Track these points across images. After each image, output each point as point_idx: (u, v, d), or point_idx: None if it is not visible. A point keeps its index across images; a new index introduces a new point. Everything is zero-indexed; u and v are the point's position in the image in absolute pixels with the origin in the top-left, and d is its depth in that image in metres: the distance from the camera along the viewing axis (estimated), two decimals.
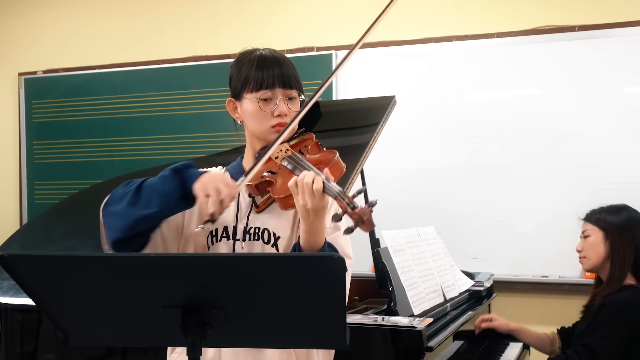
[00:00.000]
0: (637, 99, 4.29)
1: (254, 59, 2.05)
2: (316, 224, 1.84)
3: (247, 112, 2.04)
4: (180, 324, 1.45)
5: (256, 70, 2.02)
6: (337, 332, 1.47)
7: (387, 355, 2.55)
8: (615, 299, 3.02)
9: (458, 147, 4.62)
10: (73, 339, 1.58)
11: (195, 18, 5.37)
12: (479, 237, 4.59)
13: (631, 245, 3.09)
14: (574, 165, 4.39)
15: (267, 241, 2.04)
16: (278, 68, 2.03)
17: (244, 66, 2.06)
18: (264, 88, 2.00)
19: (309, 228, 1.84)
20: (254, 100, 2.01)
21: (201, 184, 1.83)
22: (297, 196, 1.81)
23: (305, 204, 1.79)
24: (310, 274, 1.39)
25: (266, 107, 2.01)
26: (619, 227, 3.13)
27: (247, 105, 2.04)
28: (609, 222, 3.16)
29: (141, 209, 1.86)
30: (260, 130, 2.05)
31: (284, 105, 2.02)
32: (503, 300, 4.25)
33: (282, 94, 2.02)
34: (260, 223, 2.04)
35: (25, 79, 5.84)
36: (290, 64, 2.09)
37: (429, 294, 3.04)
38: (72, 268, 1.45)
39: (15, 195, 5.88)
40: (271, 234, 2.04)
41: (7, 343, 3.29)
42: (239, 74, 2.06)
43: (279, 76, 2.02)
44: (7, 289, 3.30)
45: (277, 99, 2.01)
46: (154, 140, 5.39)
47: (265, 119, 2.02)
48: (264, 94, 2.00)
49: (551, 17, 4.49)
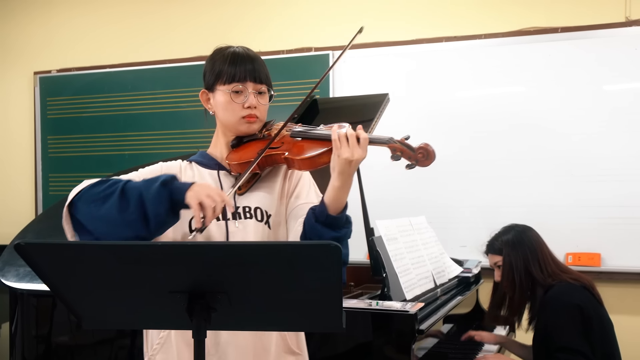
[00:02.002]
0: (616, 97, 4.30)
1: (228, 55, 2.04)
2: (350, 180, 1.84)
3: (219, 103, 2.05)
4: (186, 308, 1.45)
5: (229, 65, 2.02)
6: (333, 315, 1.47)
7: (381, 337, 2.55)
8: (549, 297, 3.06)
9: (448, 142, 4.62)
10: (85, 322, 1.58)
11: (200, 20, 5.38)
12: (467, 226, 4.59)
13: (526, 253, 3.16)
14: (557, 159, 4.40)
15: (261, 219, 2.02)
16: (250, 64, 2.03)
17: (217, 61, 2.05)
18: (236, 81, 2.00)
19: (343, 184, 1.83)
20: (226, 92, 2.02)
21: (194, 193, 1.79)
22: (340, 150, 1.82)
23: (351, 156, 1.81)
24: (309, 261, 1.39)
25: (237, 99, 2.01)
26: (512, 243, 3.20)
27: (219, 97, 2.04)
28: (504, 241, 3.23)
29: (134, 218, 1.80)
30: (231, 121, 2.05)
31: (254, 98, 2.02)
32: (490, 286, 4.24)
33: (252, 88, 2.02)
34: (249, 202, 2.03)
35: (40, 78, 5.83)
36: (261, 62, 2.08)
37: (420, 280, 3.04)
38: (84, 255, 1.45)
39: (30, 187, 5.89)
40: (263, 212, 2.03)
41: (23, 326, 3.29)
42: (213, 68, 2.05)
43: (251, 71, 2.02)
44: (23, 275, 3.30)
45: (247, 92, 2.02)
46: (160, 136, 5.39)
47: (236, 110, 2.02)
48: (236, 87, 2.01)
49: (535, 19, 4.50)
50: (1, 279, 3.33)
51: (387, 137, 1.92)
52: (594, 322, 2.99)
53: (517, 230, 3.25)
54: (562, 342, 2.95)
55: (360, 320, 2.56)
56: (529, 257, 3.15)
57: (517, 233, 3.23)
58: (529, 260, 3.14)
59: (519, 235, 3.22)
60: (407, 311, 2.51)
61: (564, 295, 3.03)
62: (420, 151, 1.91)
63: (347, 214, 1.87)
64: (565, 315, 2.97)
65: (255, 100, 2.03)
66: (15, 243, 1.40)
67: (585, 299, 3.04)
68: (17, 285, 3.29)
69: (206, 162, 2.11)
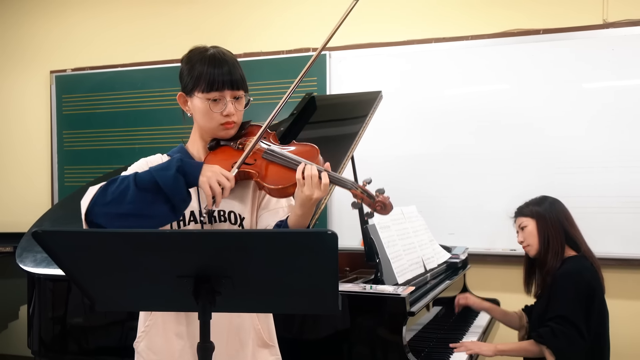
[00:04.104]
0: (594, 94, 4.29)
1: (206, 59, 1.97)
2: (311, 210, 1.83)
3: (198, 109, 1.99)
4: (193, 291, 1.45)
5: (207, 69, 1.94)
6: (330, 298, 1.47)
7: (374, 319, 2.56)
8: (564, 270, 3.06)
9: (437, 136, 4.63)
10: (98, 304, 1.58)
11: (206, 22, 5.37)
12: (455, 215, 4.59)
13: (558, 226, 3.16)
14: (539, 152, 4.40)
15: (234, 222, 2.00)
16: (226, 67, 1.95)
17: (195, 64, 1.97)
18: (214, 90, 1.94)
19: (305, 213, 1.83)
20: (204, 100, 1.95)
21: (206, 178, 1.80)
22: (303, 187, 1.79)
23: (311, 194, 1.78)
24: (307, 248, 1.39)
25: (215, 108, 1.95)
26: (545, 214, 3.18)
27: (197, 103, 1.98)
28: (536, 211, 3.21)
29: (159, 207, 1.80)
30: (209, 127, 2.00)
31: (231, 106, 1.97)
32: (476, 271, 4.26)
33: (230, 95, 1.96)
34: (224, 206, 2.00)
35: (56, 76, 5.83)
36: (236, 64, 2.00)
37: (411, 265, 3.05)
38: (97, 242, 1.45)
39: (47, 178, 5.88)
40: (237, 215, 2.01)
41: (40, 308, 3.29)
42: (191, 72, 1.98)
43: (227, 79, 1.94)
44: (40, 261, 3.29)
45: (225, 100, 1.96)
46: (168, 130, 5.38)
47: (215, 118, 1.97)
48: (214, 95, 1.94)
49: (519, 21, 4.49)
50: (20, 264, 3.33)
51: (350, 181, 1.86)
52: (595, 304, 3.01)
53: (550, 201, 3.24)
54: (560, 311, 2.96)
55: (355, 303, 2.56)
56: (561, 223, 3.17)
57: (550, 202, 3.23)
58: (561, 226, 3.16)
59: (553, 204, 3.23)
60: (399, 294, 2.51)
61: (577, 270, 3.05)
62: (379, 203, 1.84)
63: None
64: (573, 290, 2.98)
65: (233, 107, 1.97)
66: (33, 231, 1.40)
67: (595, 281, 3.07)
68: (34, 270, 3.29)
69: None
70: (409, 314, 2.50)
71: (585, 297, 2.98)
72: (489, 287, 4.14)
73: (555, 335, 2.94)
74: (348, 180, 1.85)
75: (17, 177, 6.02)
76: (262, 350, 2.08)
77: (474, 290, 3.89)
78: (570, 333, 2.92)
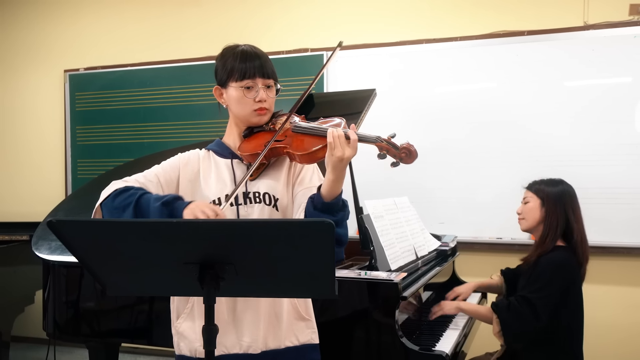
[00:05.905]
0: (576, 93, 4.30)
1: (238, 53, 2.02)
2: (343, 173, 1.82)
3: (232, 98, 2.03)
4: (198, 277, 1.45)
5: (239, 63, 1.99)
6: (327, 283, 1.47)
7: (369, 303, 2.56)
8: (549, 258, 2.95)
9: (429, 132, 4.63)
10: (109, 289, 1.58)
11: (211, 24, 5.37)
12: (445, 205, 4.60)
13: (562, 214, 3.03)
14: (525, 147, 4.41)
15: (269, 203, 2.01)
16: (257, 61, 2.00)
17: (228, 59, 2.02)
18: (247, 78, 1.99)
19: (337, 177, 1.81)
20: (238, 88, 2.00)
21: (190, 210, 1.79)
22: (333, 150, 1.79)
23: (342, 155, 1.79)
24: (306, 236, 1.39)
25: (249, 94, 2.00)
26: (554, 198, 3.05)
27: (232, 93, 2.02)
28: (546, 192, 3.07)
29: None
30: (243, 114, 2.04)
31: (263, 93, 2.01)
32: (465, 258, 4.26)
33: (261, 83, 2.01)
34: (258, 188, 2.02)
35: (70, 75, 5.82)
36: (267, 58, 2.05)
37: (403, 253, 3.04)
38: (108, 231, 1.45)
39: (61, 171, 5.88)
40: (271, 196, 2.02)
41: (54, 293, 3.29)
42: (225, 66, 2.03)
43: (259, 68, 2.00)
44: (55, 249, 3.29)
45: (257, 87, 2.00)
46: (175, 126, 5.38)
47: (248, 104, 2.01)
48: (247, 83, 1.99)
49: (505, 22, 4.50)
50: (35, 251, 3.33)
51: (375, 135, 1.91)
52: (570, 296, 2.92)
53: (563, 188, 3.09)
54: (525, 292, 2.89)
55: (350, 288, 2.56)
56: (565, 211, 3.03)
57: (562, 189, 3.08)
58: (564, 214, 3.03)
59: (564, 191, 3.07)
60: (392, 280, 2.51)
61: (561, 263, 2.92)
62: (404, 150, 1.88)
63: (343, 199, 1.85)
64: (548, 279, 2.88)
65: (265, 94, 2.01)
66: (48, 220, 1.40)
67: (574, 275, 2.96)
68: (49, 257, 3.28)
69: (221, 151, 2.09)
70: (402, 298, 2.50)
71: (558, 290, 2.88)
72: (476, 272, 4.14)
73: (509, 310, 2.86)
74: (372, 135, 1.91)
75: (33, 170, 6.02)
76: (298, 322, 2.06)
77: (462, 276, 3.89)
78: (524, 312, 2.83)
